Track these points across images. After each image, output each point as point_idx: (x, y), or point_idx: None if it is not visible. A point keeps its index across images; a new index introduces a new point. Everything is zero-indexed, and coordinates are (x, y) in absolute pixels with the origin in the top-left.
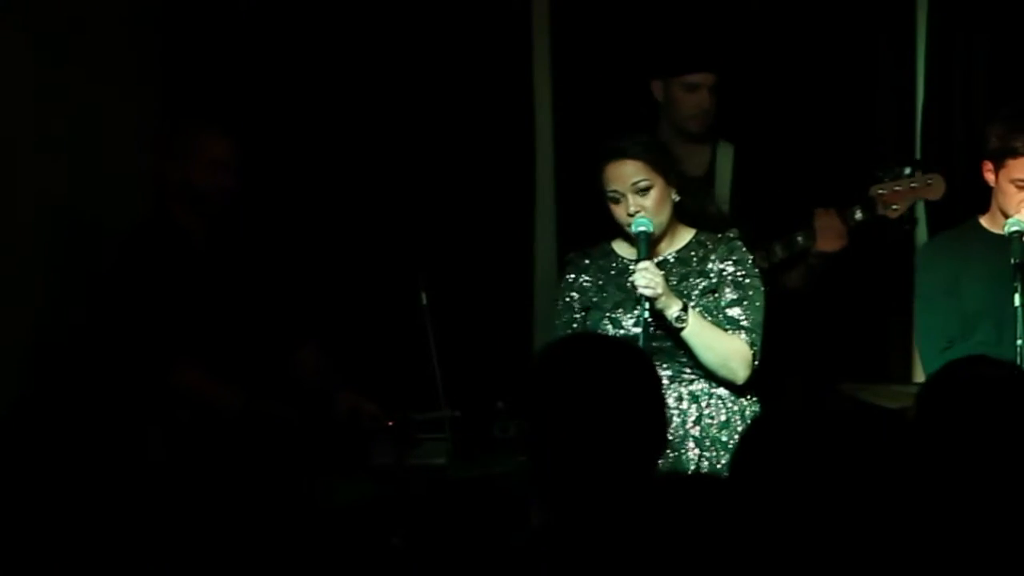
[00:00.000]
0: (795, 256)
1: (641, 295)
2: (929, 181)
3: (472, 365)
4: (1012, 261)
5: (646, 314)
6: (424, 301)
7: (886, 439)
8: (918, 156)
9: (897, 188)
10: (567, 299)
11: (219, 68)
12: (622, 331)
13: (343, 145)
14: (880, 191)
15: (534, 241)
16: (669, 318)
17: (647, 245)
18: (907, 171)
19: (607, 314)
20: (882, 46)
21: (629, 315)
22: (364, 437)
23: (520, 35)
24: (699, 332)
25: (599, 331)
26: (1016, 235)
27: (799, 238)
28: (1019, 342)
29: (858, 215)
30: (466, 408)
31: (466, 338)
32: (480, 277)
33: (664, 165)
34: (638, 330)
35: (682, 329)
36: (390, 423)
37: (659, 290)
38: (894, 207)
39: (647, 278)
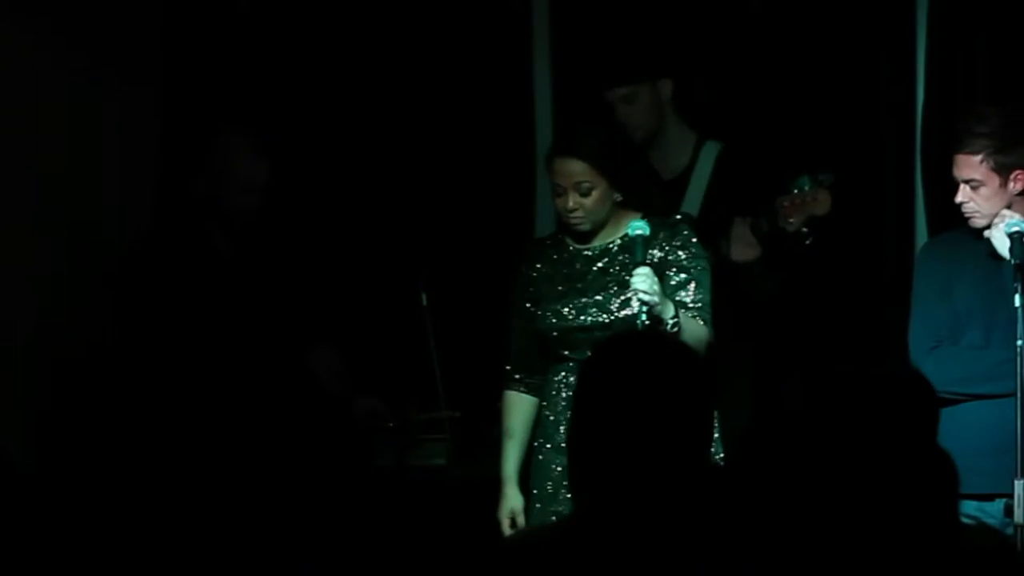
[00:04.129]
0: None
1: (639, 299)
2: (816, 196)
3: (472, 365)
4: (1012, 261)
5: (643, 317)
6: (424, 301)
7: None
8: (918, 160)
9: (796, 201)
10: (520, 289)
11: (219, 68)
12: (562, 323)
13: (343, 145)
14: (784, 203)
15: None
16: (666, 321)
17: (644, 248)
18: (806, 184)
19: (551, 306)
20: (882, 48)
21: (569, 307)
22: (366, 438)
23: (520, 35)
24: (687, 331)
25: (542, 324)
26: (1016, 235)
27: (722, 243)
28: (1019, 342)
29: (764, 226)
30: (466, 408)
31: (466, 338)
32: (480, 277)
33: (611, 168)
34: (579, 321)
35: (676, 332)
36: (390, 424)
37: (656, 298)
38: (790, 220)
39: (647, 284)
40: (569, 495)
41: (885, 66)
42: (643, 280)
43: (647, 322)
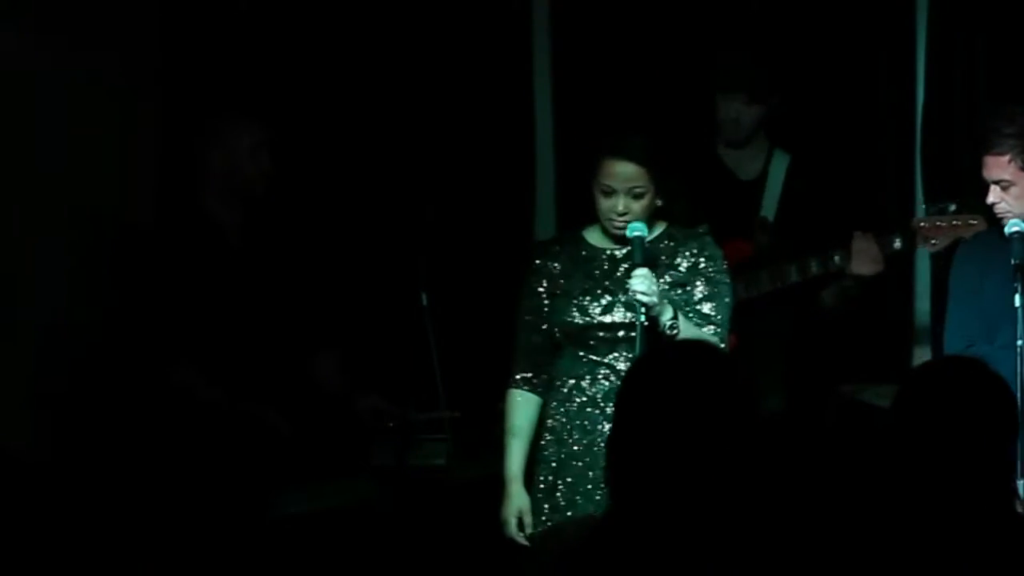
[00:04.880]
0: (829, 275)
1: (638, 301)
2: (972, 221)
3: (472, 365)
4: (1012, 261)
5: (642, 318)
6: (424, 301)
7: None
8: (918, 160)
9: (940, 223)
10: (535, 285)
11: (219, 68)
12: (587, 319)
13: (343, 145)
14: (922, 224)
15: (534, 241)
16: (663, 324)
17: (642, 249)
18: (952, 207)
19: (573, 301)
20: (882, 48)
21: (595, 303)
22: (366, 438)
23: (520, 35)
24: (687, 336)
25: (566, 318)
26: (1017, 235)
27: (836, 257)
28: (1019, 342)
29: (897, 244)
30: (466, 408)
31: (466, 338)
32: (480, 277)
33: (660, 173)
34: (603, 319)
35: (675, 335)
36: (390, 424)
37: (655, 298)
38: (933, 241)
39: (646, 284)
40: (568, 499)
41: (885, 66)
42: (641, 281)
43: (646, 323)
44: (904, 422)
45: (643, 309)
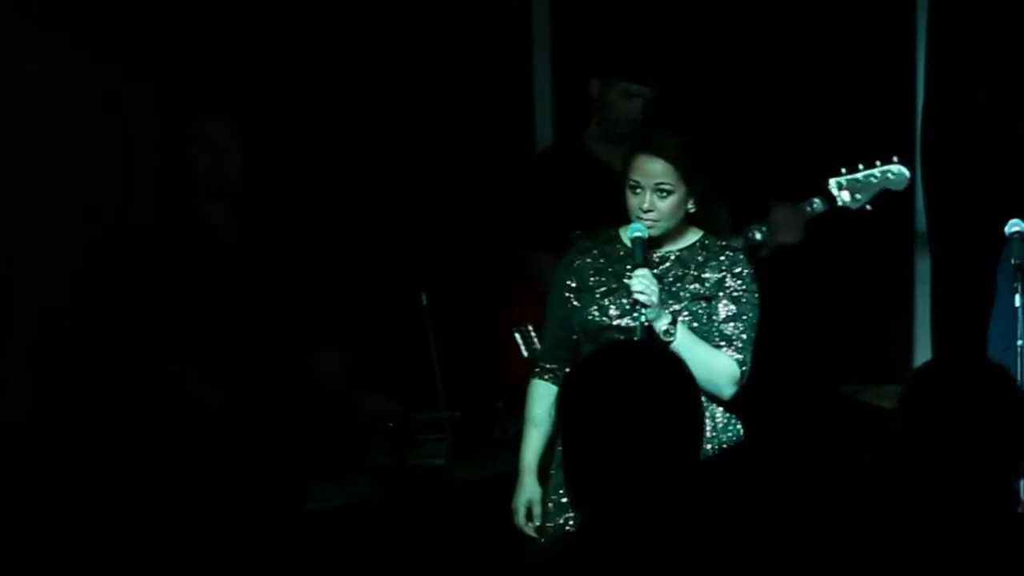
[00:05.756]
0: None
1: (636, 300)
2: (892, 173)
3: (472, 365)
4: (1012, 261)
5: (643, 319)
6: (424, 301)
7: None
8: (918, 161)
9: (858, 179)
10: (565, 279)
11: (219, 67)
12: (605, 319)
13: (343, 144)
14: (840, 182)
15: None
16: (657, 330)
17: (643, 251)
18: (879, 163)
19: (596, 300)
20: (882, 48)
21: (614, 305)
22: (366, 438)
23: (520, 35)
24: (687, 346)
25: (585, 316)
26: (1017, 235)
27: (755, 233)
28: (1019, 342)
29: (815, 205)
30: (466, 408)
31: (466, 338)
32: (480, 277)
33: (693, 175)
34: (621, 321)
35: (670, 343)
36: (390, 424)
37: (654, 299)
38: (857, 197)
39: (644, 284)
40: None
41: (885, 66)
42: (640, 281)
43: (645, 323)
44: (909, 421)
45: (643, 310)
